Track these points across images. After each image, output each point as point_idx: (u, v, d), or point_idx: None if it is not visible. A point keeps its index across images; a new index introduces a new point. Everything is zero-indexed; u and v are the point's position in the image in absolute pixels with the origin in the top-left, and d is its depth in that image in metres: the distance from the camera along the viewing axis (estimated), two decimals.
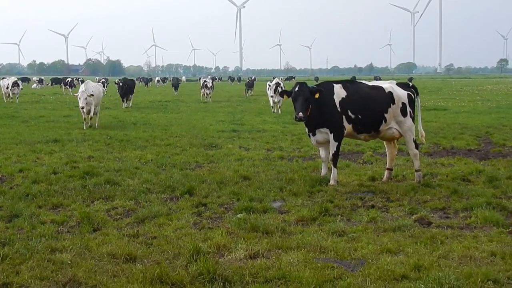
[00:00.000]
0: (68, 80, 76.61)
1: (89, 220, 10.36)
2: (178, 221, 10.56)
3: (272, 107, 37.90)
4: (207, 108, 42.41)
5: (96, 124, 27.49)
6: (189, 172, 15.29)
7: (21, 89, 50.76)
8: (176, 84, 72.61)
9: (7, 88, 50.99)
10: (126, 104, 43.92)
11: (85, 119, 27.15)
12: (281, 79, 70.93)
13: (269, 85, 38.55)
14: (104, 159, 17.59)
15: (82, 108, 26.42)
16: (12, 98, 50.46)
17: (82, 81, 37.42)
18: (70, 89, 71.49)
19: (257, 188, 13.09)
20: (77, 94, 26.82)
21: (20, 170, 15.44)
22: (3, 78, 57.39)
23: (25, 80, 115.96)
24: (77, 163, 16.75)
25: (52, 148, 19.76)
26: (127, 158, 17.67)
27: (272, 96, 37.30)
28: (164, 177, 14.31)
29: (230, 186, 13.32)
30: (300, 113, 13.19)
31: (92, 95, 26.54)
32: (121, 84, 44.09)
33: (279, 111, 36.29)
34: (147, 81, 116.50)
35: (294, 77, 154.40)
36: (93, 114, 27.55)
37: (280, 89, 35.21)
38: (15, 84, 50.71)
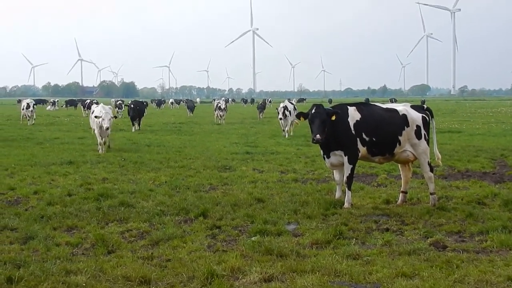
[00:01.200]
0: (87, 102, 76.82)
1: (103, 242, 10.38)
2: (192, 243, 10.56)
3: (283, 130, 36.68)
4: (220, 130, 42.46)
5: (110, 144, 27.78)
6: (203, 194, 15.30)
7: (32, 110, 50.63)
8: (191, 106, 72.73)
9: (23, 109, 51.22)
10: (136, 127, 42.70)
11: (100, 143, 26.36)
12: (294, 100, 71.04)
13: (277, 109, 38.02)
14: (119, 181, 17.63)
15: (107, 129, 25.85)
16: (29, 119, 50.39)
17: (97, 103, 37.21)
18: (87, 111, 71.58)
19: (271, 210, 13.07)
20: (100, 115, 25.99)
21: (35, 192, 15.49)
22: (19, 100, 57.81)
23: (41, 102, 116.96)
24: (92, 185, 16.79)
25: (67, 170, 19.83)
26: (141, 180, 17.70)
27: (280, 119, 36.30)
28: (178, 199, 14.32)
29: (244, 209, 13.30)
30: (318, 135, 13.18)
31: (116, 117, 26.49)
32: (132, 106, 42.69)
33: (286, 135, 35.48)
34: (160, 103, 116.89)
35: (305, 99, 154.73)
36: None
37: (287, 113, 35.41)
38: (28, 105, 50.79)
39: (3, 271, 8.70)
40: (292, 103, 38.82)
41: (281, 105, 37.23)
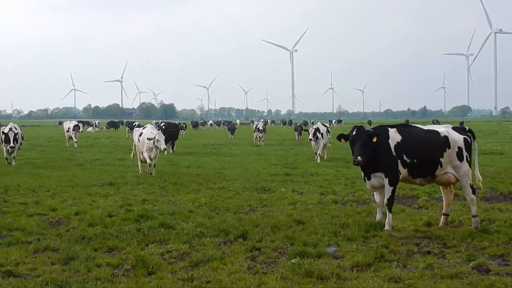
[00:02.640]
0: (135, 124, 77.39)
1: (144, 264, 10.42)
2: (232, 265, 10.54)
3: (315, 153, 34.43)
4: (259, 152, 42.47)
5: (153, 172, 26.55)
6: (242, 215, 15.29)
7: (81, 131, 51.02)
8: (232, 128, 72.88)
9: (67, 131, 51.45)
10: (169, 150, 39.98)
11: (150, 164, 25.80)
12: (334, 122, 70.70)
13: (307, 130, 36.47)
14: (158, 202, 17.70)
15: (165, 149, 25.45)
16: (75, 141, 50.47)
17: (139, 126, 37.22)
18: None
19: (311, 232, 13.01)
20: (152, 137, 25.20)
21: (76, 213, 15.63)
22: (61, 121, 58.40)
23: (84, 123, 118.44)
24: (132, 206, 16.89)
25: (107, 191, 19.97)
26: (180, 202, 17.75)
27: (310, 140, 34.45)
28: (217, 221, 14.33)
29: (283, 230, 13.26)
30: (359, 157, 13.12)
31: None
32: (163, 128, 40.10)
33: (318, 159, 33.34)
34: (195, 124, 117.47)
35: (341, 120, 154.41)
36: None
37: (319, 135, 33.93)
38: (76, 127, 50.80)
39: None
40: (325, 125, 36.86)
41: (313, 126, 35.99)
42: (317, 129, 34.30)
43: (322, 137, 34.04)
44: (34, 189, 20.35)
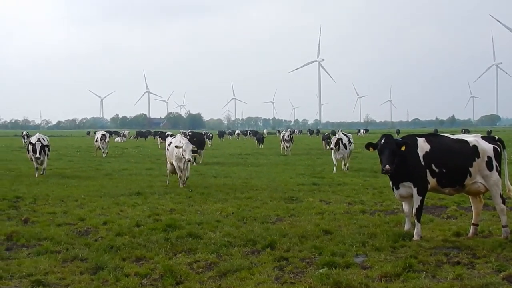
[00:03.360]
0: (168, 134, 77.56)
1: (172, 273, 10.44)
2: (260, 275, 10.52)
3: (335, 165, 33.41)
4: (287, 161, 42.45)
5: (184, 183, 25.10)
6: (270, 225, 15.26)
7: (108, 142, 51.39)
8: (260, 138, 72.88)
9: (96, 141, 51.94)
10: (196, 160, 39.14)
11: (180, 176, 24.96)
12: (362, 131, 70.17)
13: (329, 140, 35.05)
14: (186, 212, 17.73)
15: (189, 160, 24.61)
16: (103, 151, 50.84)
17: (169, 135, 37.13)
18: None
19: (339, 242, 12.95)
20: (180, 145, 24.47)
21: (104, 223, 15.70)
22: (89, 131, 58.82)
23: (112, 133, 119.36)
24: (160, 215, 16.93)
25: (135, 200, 20.06)
26: (208, 211, 17.77)
27: (332, 149, 33.70)
28: (245, 231, 14.32)
29: (311, 240, 13.21)
30: (387, 166, 13.06)
31: (196, 150, 25.29)
32: (188, 137, 35.16)
33: (344, 168, 33.39)
34: (221, 134, 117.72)
35: (368, 130, 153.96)
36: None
37: (341, 144, 33.16)
38: (103, 137, 51.31)
39: None
40: (347, 135, 35.14)
41: (336, 136, 34.78)
42: (340, 139, 33.54)
43: (345, 147, 33.45)
44: (63, 199, 20.49)
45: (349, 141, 34.10)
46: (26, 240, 13.45)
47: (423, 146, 13.46)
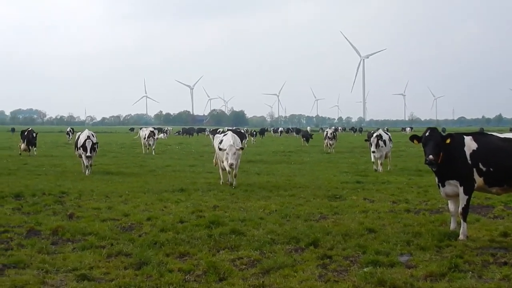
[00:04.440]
0: (220, 131, 77.55)
1: (215, 270, 10.45)
2: (303, 273, 10.48)
3: (373, 163, 32.12)
4: (330, 159, 42.32)
5: (235, 182, 24.12)
6: (313, 223, 15.20)
7: (157, 139, 51.34)
8: (306, 135, 72.56)
9: (144, 138, 51.51)
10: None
11: (229, 172, 24.05)
12: (408, 129, 68.97)
13: (368, 139, 32.54)
14: (229, 208, 17.75)
15: (232, 165, 23.09)
16: (149, 148, 50.63)
17: (212, 132, 36.80)
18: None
19: (383, 241, 12.84)
20: (224, 148, 23.50)
21: (148, 219, 15.79)
22: (132, 128, 59.00)
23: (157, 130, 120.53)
24: (203, 212, 16.98)
25: (179, 197, 20.14)
26: (251, 208, 17.77)
27: (374, 152, 31.42)
28: (288, 228, 14.28)
29: (355, 239, 13.13)
30: (431, 156, 12.94)
31: (242, 148, 24.11)
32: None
33: (380, 169, 31.19)
34: (263, 131, 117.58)
35: (412, 128, 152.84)
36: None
37: (382, 143, 31.27)
38: (151, 133, 50.95)
39: None
40: (387, 133, 33.71)
41: (374, 134, 32.39)
42: (379, 137, 31.62)
43: (385, 144, 31.65)
44: (107, 195, 20.69)
45: (390, 139, 32.65)
46: (71, 235, 13.58)
47: (470, 144, 13.28)
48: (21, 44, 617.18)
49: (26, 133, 45.42)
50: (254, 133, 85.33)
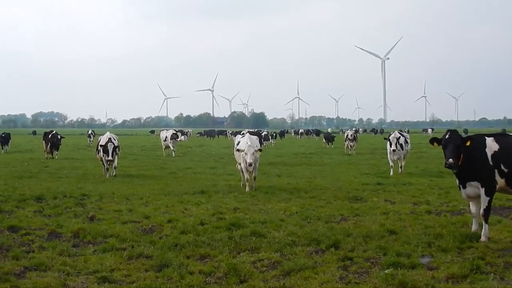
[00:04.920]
0: (243, 133, 77.29)
1: (236, 272, 10.47)
2: (324, 274, 10.46)
3: (392, 166, 31.01)
4: (351, 161, 42.25)
5: (254, 184, 23.96)
6: (334, 225, 15.17)
7: (179, 140, 51.11)
8: (329, 137, 72.19)
9: (165, 140, 50.93)
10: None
11: (247, 179, 23.50)
12: (430, 131, 68.35)
13: (389, 139, 31.33)
14: (250, 210, 17.76)
15: (251, 164, 22.70)
16: (173, 149, 49.98)
17: (234, 134, 36.63)
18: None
19: (404, 243, 12.79)
20: (243, 148, 23.25)
21: (168, 221, 15.83)
22: (152, 130, 59.02)
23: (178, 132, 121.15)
24: (223, 214, 17.00)
25: (199, 199, 20.18)
26: (272, 210, 17.77)
27: (394, 151, 30.69)
28: (309, 230, 14.26)
29: (376, 240, 13.08)
30: (451, 159, 12.87)
31: (260, 150, 23.70)
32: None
33: (400, 171, 30.82)
34: (282, 133, 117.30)
35: (433, 129, 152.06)
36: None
37: (402, 143, 30.70)
38: (174, 135, 50.52)
39: None
40: (403, 135, 32.35)
41: (393, 135, 31.68)
42: (398, 137, 30.95)
43: (402, 148, 30.97)
44: (128, 197, 20.77)
45: (406, 141, 31.72)
46: (92, 237, 13.65)
47: (491, 145, 13.19)
48: (42, 46, 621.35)
49: (50, 136, 45.48)
50: (274, 135, 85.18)
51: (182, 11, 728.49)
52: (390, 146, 30.73)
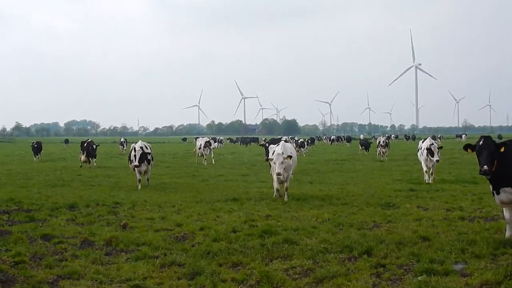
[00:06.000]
0: (297, 140, 77.10)
1: (268, 279, 10.47)
2: (356, 282, 10.43)
3: (426, 172, 29.72)
4: (383, 167, 42.05)
5: (286, 196, 22.56)
6: (366, 231, 15.11)
7: (212, 148, 50.94)
8: (366, 144, 71.50)
9: (199, 148, 50.37)
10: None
11: (277, 189, 22.93)
12: (464, 137, 66.75)
13: (431, 148, 29.30)
14: (282, 218, 17.75)
15: (279, 174, 21.77)
16: (206, 157, 49.30)
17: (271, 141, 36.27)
18: None
19: (437, 249, 12.69)
20: (271, 158, 22.62)
21: (201, 228, 15.87)
22: (184, 138, 59.17)
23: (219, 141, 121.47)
24: (256, 221, 17.00)
25: (231, 206, 20.22)
26: (304, 217, 17.73)
27: (438, 161, 29.49)
28: (341, 237, 14.21)
29: (409, 247, 13.00)
30: (485, 166, 12.76)
31: (291, 156, 22.58)
32: (266, 145, 34.59)
33: (430, 180, 29.12)
34: (312, 140, 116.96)
35: (466, 135, 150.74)
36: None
37: (433, 150, 29.01)
38: (207, 143, 50.07)
39: None
40: (435, 142, 30.32)
41: (424, 142, 30.41)
42: (432, 145, 29.38)
43: (432, 155, 29.29)
44: (160, 205, 20.86)
45: (438, 148, 29.83)
46: (124, 245, 13.73)
47: None
48: (76, 56, 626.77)
49: (85, 145, 45.83)
50: (309, 141, 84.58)
51: (212, 19, 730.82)
52: (432, 156, 29.05)
